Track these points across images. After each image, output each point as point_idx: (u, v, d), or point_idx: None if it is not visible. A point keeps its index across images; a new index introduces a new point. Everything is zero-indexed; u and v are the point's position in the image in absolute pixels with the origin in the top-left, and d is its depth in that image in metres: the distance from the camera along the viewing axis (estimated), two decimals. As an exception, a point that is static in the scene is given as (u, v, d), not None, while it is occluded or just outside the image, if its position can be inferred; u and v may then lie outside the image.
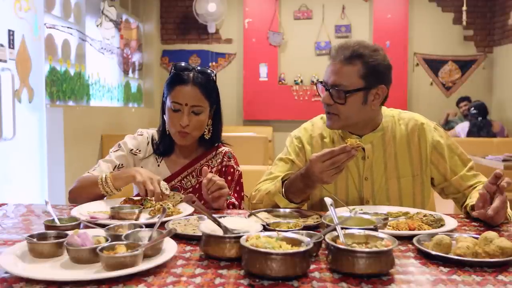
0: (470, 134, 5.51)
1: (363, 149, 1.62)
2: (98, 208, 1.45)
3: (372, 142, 1.63)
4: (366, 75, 1.53)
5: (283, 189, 1.52)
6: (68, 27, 4.46)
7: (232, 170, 1.76)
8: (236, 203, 1.71)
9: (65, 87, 4.34)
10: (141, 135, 1.78)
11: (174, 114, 1.64)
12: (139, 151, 1.74)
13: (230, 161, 1.78)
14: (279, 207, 1.49)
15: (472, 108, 5.68)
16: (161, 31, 7.10)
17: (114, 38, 5.74)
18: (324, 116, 1.75)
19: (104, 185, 1.52)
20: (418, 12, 6.83)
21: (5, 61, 2.98)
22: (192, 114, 1.63)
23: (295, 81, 6.86)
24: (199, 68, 1.69)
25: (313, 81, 6.80)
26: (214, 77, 1.71)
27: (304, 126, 1.76)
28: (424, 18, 6.84)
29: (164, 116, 1.71)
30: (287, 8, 6.91)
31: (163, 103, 1.73)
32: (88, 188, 1.57)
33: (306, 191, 1.49)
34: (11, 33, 3.06)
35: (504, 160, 3.75)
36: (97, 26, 5.22)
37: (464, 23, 6.13)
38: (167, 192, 1.47)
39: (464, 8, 6.00)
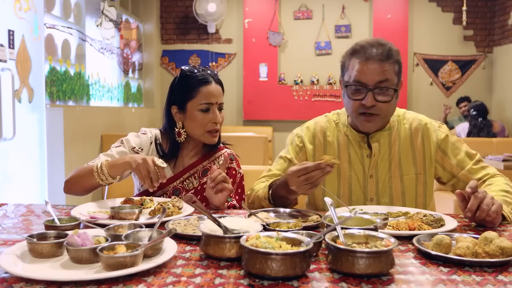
0: (470, 135, 5.50)
1: (370, 147, 1.63)
2: (98, 208, 1.45)
3: (379, 141, 1.64)
4: (398, 71, 1.57)
5: (270, 192, 1.56)
6: (68, 27, 4.46)
7: (234, 172, 1.76)
8: (237, 205, 1.71)
9: (65, 87, 4.34)
10: (145, 134, 1.77)
11: (204, 114, 1.66)
12: (141, 149, 1.73)
13: (232, 163, 1.77)
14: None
15: (472, 110, 5.65)
16: (161, 31, 7.10)
17: (114, 38, 5.73)
18: (329, 114, 1.76)
19: (99, 172, 1.50)
20: (418, 12, 6.83)
21: (5, 61, 2.98)
22: (218, 111, 1.69)
23: (295, 81, 6.86)
24: (208, 67, 1.74)
25: (313, 81, 6.80)
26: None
27: (307, 125, 1.77)
28: (424, 18, 6.84)
29: (178, 124, 1.71)
30: (287, 8, 6.91)
31: (168, 108, 1.73)
32: (83, 178, 1.55)
33: (289, 197, 1.53)
34: (11, 33, 3.06)
35: (504, 160, 3.75)
36: (97, 26, 5.22)
37: (464, 23, 6.13)
38: (163, 165, 1.44)
39: (464, 8, 6.00)
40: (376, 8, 6.72)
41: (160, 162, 1.44)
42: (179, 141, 1.72)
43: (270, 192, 1.57)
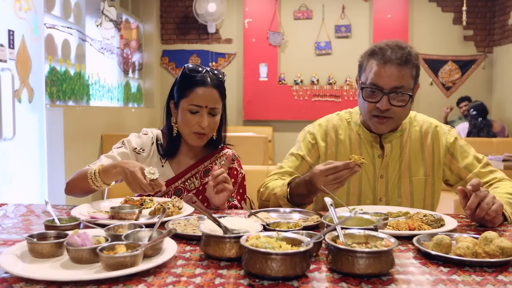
0: (470, 134, 5.50)
1: (382, 147, 1.63)
2: (98, 208, 1.45)
3: (392, 142, 1.65)
4: (416, 75, 1.56)
5: (288, 189, 1.54)
6: (68, 27, 4.46)
7: (235, 172, 1.76)
8: (239, 205, 1.70)
9: (65, 87, 4.34)
10: (146, 134, 1.77)
11: (192, 116, 1.64)
12: (143, 150, 1.73)
13: (234, 163, 1.77)
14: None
15: (472, 109, 5.65)
16: (161, 31, 7.10)
17: (114, 38, 5.74)
18: (341, 113, 1.76)
19: (93, 179, 1.49)
20: (418, 12, 6.83)
21: (5, 61, 2.98)
22: (209, 115, 1.64)
23: (295, 81, 6.86)
24: (213, 69, 1.68)
25: (313, 81, 6.80)
26: (225, 78, 1.71)
27: (319, 122, 1.77)
28: (424, 18, 6.84)
29: (172, 118, 1.70)
30: (287, 8, 6.90)
31: (168, 105, 1.72)
32: (81, 182, 1.54)
33: (310, 196, 1.52)
34: (11, 33, 3.06)
35: (504, 160, 3.75)
36: (97, 26, 5.22)
37: (464, 23, 6.13)
38: (154, 176, 1.41)
39: (464, 8, 6.00)
40: (376, 8, 6.72)
41: (150, 174, 1.40)
42: (173, 133, 1.71)
43: (289, 190, 1.55)
